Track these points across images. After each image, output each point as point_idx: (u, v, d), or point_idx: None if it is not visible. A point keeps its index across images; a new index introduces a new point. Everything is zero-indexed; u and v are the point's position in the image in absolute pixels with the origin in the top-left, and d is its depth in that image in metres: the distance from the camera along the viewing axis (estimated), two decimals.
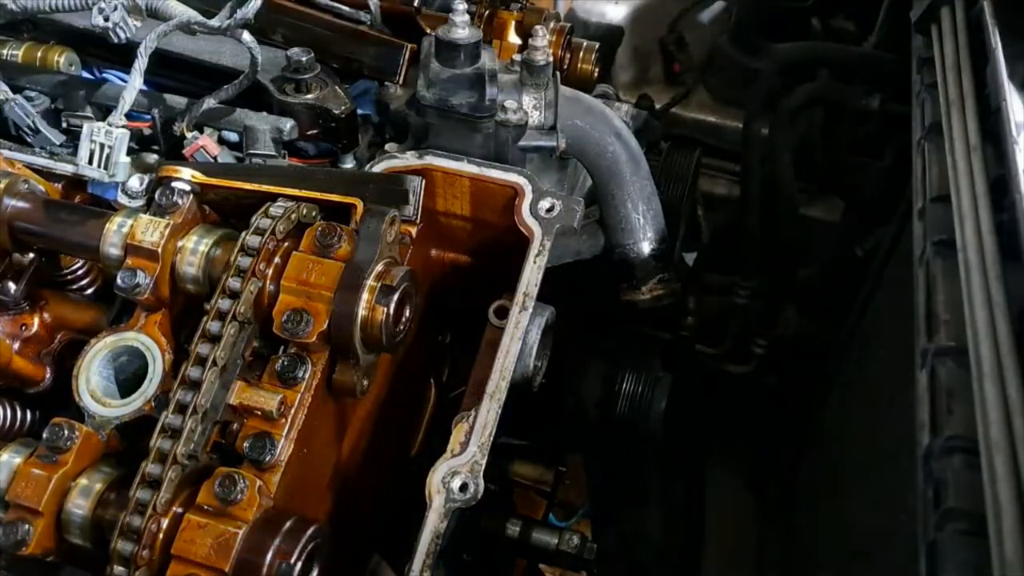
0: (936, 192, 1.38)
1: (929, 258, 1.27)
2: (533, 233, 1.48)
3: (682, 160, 2.52)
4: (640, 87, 3.27)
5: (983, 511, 0.91)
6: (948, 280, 1.21)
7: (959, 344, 1.10)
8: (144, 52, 1.56)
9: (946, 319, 1.16)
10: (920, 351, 1.17)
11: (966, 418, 1.02)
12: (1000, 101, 1.34)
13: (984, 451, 0.94)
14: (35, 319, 1.51)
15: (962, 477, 0.98)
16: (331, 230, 1.34)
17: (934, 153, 1.46)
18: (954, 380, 1.08)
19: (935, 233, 1.30)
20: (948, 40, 1.61)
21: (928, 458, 1.04)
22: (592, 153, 1.79)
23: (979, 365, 1.02)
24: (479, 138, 1.62)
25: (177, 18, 1.56)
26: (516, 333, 1.40)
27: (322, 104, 1.67)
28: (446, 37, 1.57)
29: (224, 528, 1.17)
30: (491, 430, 1.33)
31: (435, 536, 1.26)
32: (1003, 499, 0.88)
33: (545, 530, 1.84)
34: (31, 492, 1.20)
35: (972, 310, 1.09)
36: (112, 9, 1.52)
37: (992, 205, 1.22)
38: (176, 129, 1.63)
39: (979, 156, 1.31)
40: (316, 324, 1.28)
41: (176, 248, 1.36)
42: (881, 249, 2.17)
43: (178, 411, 1.24)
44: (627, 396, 2.01)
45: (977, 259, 1.14)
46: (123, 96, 1.56)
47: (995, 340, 1.02)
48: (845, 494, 1.99)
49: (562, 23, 2.22)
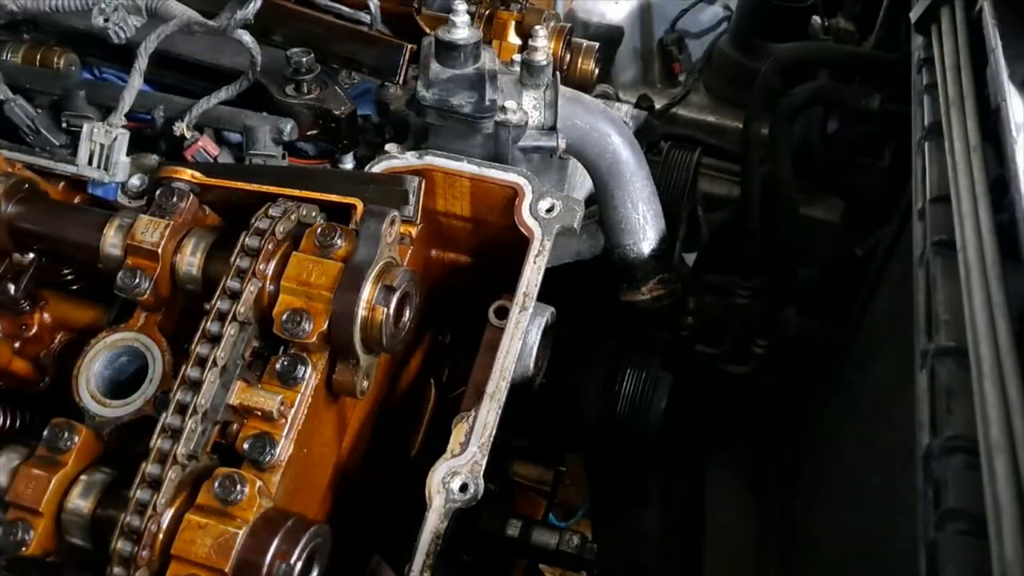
0: (936, 192, 1.38)
1: (929, 258, 1.27)
2: (533, 233, 1.48)
3: (682, 160, 2.52)
4: (640, 87, 3.27)
5: (983, 511, 0.91)
6: (948, 280, 1.21)
7: (959, 344, 1.10)
8: (144, 52, 1.56)
9: (946, 319, 1.16)
10: (920, 351, 1.17)
11: (966, 418, 1.02)
12: (1000, 101, 1.34)
13: (984, 451, 0.94)
14: (35, 319, 1.51)
15: (962, 477, 0.98)
16: (331, 230, 1.34)
17: (934, 153, 1.46)
18: (954, 380, 1.08)
19: (935, 233, 1.30)
20: (948, 40, 1.60)
21: (928, 458, 1.04)
22: (592, 153, 1.79)
23: (979, 365, 1.02)
24: (479, 138, 1.62)
25: (177, 18, 1.56)
26: (516, 333, 1.40)
27: (322, 104, 1.67)
28: (446, 37, 1.57)
29: (224, 528, 1.17)
30: (491, 430, 1.33)
31: (435, 536, 1.27)
32: (1003, 499, 0.88)
33: (545, 530, 1.83)
34: (31, 492, 1.20)
35: (972, 310, 1.09)
36: (112, 9, 1.52)
37: (992, 205, 1.22)
38: (176, 129, 1.63)
39: (979, 156, 1.31)
40: (316, 324, 1.28)
41: (176, 248, 1.36)
42: (881, 249, 2.17)
43: (178, 411, 1.23)
44: (627, 396, 2.01)
45: (977, 259, 1.14)
46: (123, 96, 1.56)
47: (995, 340, 1.02)
48: (845, 494, 1.99)
49: (562, 23, 2.22)
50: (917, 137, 1.57)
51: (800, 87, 2.57)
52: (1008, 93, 1.35)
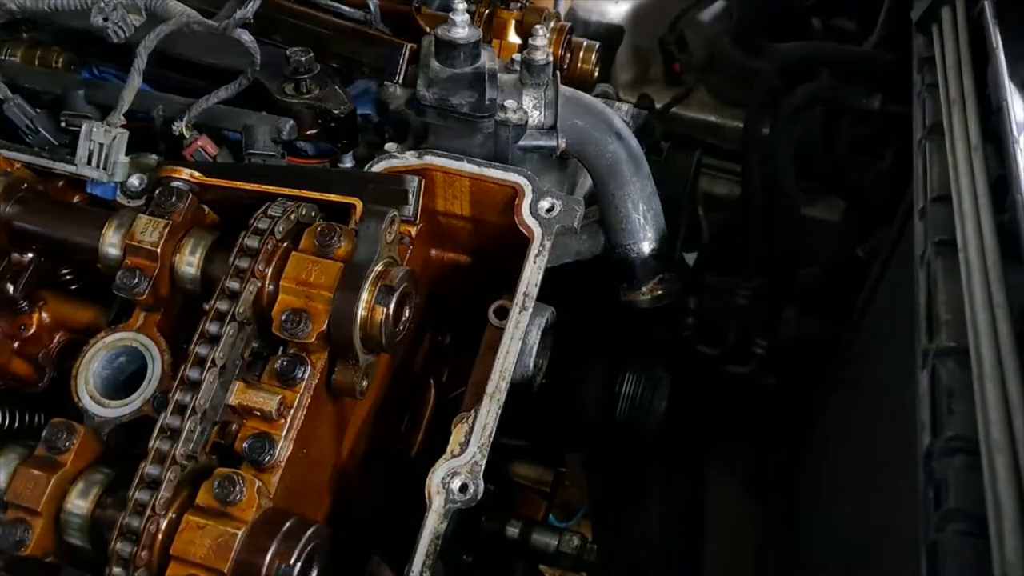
0: (937, 192, 1.38)
1: (930, 258, 1.27)
2: (533, 233, 1.48)
3: (683, 160, 2.52)
4: (640, 87, 3.27)
5: (984, 512, 0.90)
6: (949, 280, 1.21)
7: (960, 344, 1.10)
8: (143, 52, 1.56)
9: (947, 319, 1.15)
10: (921, 351, 1.17)
11: (967, 418, 1.02)
12: (1001, 101, 1.34)
13: (985, 451, 0.94)
14: (34, 319, 1.51)
15: (963, 478, 0.98)
16: (330, 230, 1.34)
17: (935, 153, 1.46)
18: (955, 380, 1.08)
19: (936, 233, 1.30)
20: (949, 40, 1.60)
21: (929, 458, 1.04)
22: (592, 153, 1.79)
23: (980, 365, 1.02)
24: (479, 138, 1.61)
25: (176, 18, 1.56)
26: (516, 333, 1.40)
27: (322, 104, 1.67)
28: (446, 37, 1.57)
29: (223, 529, 1.17)
30: (491, 430, 1.33)
31: (435, 537, 1.26)
32: (1004, 500, 0.88)
33: (545, 531, 1.83)
34: (30, 493, 1.20)
35: (973, 310, 1.09)
36: (111, 9, 1.51)
37: (993, 205, 1.22)
38: (175, 129, 1.63)
39: (980, 156, 1.31)
40: (315, 324, 1.28)
41: (175, 248, 1.36)
42: (882, 249, 2.17)
43: (177, 411, 1.23)
44: (627, 397, 2.01)
45: (978, 259, 1.14)
46: (122, 96, 1.56)
47: (996, 340, 1.02)
48: (845, 494, 1.98)
49: (562, 22, 2.21)
50: (918, 137, 1.57)
51: (801, 87, 2.57)
52: (1009, 93, 1.35)
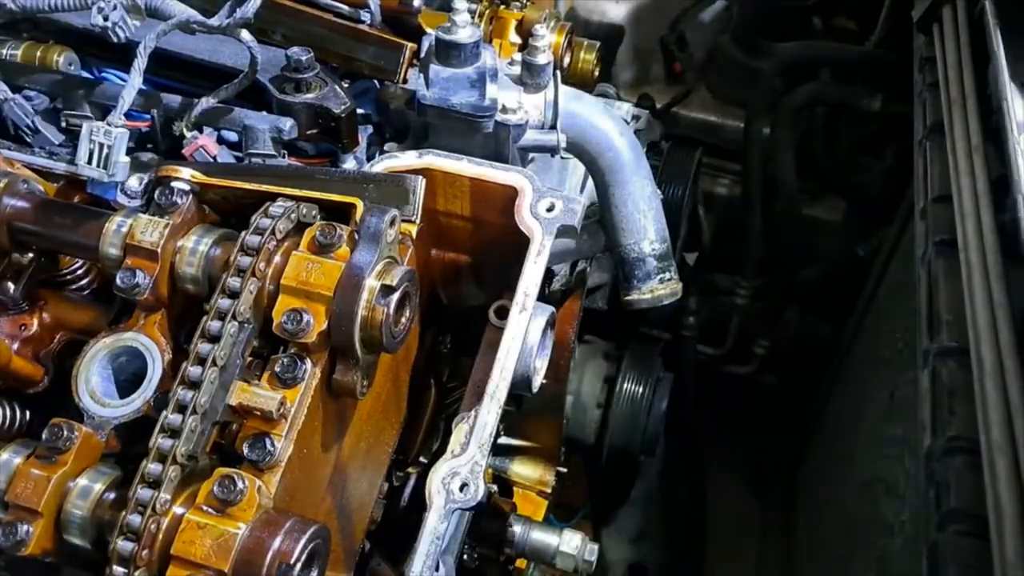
0: (937, 192, 1.38)
1: (931, 258, 1.27)
2: (533, 233, 1.48)
3: (683, 160, 2.52)
4: (641, 86, 3.27)
5: (984, 512, 0.90)
6: (950, 280, 1.21)
7: (961, 344, 1.10)
8: (143, 51, 1.56)
9: (948, 319, 1.15)
10: (922, 351, 1.17)
11: (967, 419, 1.02)
12: (1001, 100, 1.34)
13: (985, 452, 0.94)
14: (34, 319, 1.50)
15: (963, 478, 0.98)
16: (331, 230, 1.33)
17: (935, 153, 1.46)
18: (956, 380, 1.08)
19: (937, 233, 1.30)
20: (950, 39, 1.60)
21: (930, 459, 1.04)
22: (592, 152, 1.79)
23: (980, 365, 1.02)
24: (479, 137, 1.61)
25: (176, 17, 1.56)
26: (516, 333, 1.40)
27: (322, 103, 1.67)
28: (446, 36, 1.57)
29: (224, 529, 1.17)
30: (491, 430, 1.33)
31: (435, 536, 1.26)
32: (1004, 500, 0.88)
33: (545, 530, 1.83)
34: (30, 492, 1.20)
35: (973, 310, 1.09)
36: (111, 8, 1.51)
37: (993, 205, 1.22)
38: (175, 129, 1.63)
39: (980, 156, 1.31)
40: (316, 324, 1.28)
41: (175, 248, 1.35)
42: (883, 249, 2.17)
43: (177, 411, 1.23)
44: (628, 396, 2.01)
45: (979, 259, 1.14)
46: (122, 95, 1.56)
47: (996, 340, 1.02)
48: (845, 494, 1.98)
49: (563, 22, 2.22)
50: (919, 137, 1.57)
51: (802, 87, 2.57)
52: (1009, 92, 1.35)
